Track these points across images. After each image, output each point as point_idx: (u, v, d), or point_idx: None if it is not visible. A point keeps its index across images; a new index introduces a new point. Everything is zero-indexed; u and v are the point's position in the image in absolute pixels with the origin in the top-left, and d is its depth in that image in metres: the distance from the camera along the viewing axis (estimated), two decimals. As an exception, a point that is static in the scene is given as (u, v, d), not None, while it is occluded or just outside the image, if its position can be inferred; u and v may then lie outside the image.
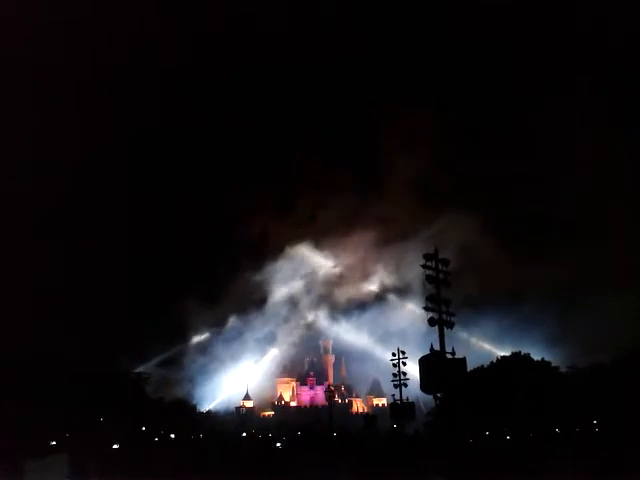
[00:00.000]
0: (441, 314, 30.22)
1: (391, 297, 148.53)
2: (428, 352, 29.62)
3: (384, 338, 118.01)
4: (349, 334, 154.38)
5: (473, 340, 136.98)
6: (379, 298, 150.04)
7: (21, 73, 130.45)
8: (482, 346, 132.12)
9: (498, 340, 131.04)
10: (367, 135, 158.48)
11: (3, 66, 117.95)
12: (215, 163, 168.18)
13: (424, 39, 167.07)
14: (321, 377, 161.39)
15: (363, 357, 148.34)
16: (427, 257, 31.33)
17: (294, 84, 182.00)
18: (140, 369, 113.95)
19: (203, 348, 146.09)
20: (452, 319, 30.35)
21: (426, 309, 30.46)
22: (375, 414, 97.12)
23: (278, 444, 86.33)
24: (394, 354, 53.54)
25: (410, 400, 52.64)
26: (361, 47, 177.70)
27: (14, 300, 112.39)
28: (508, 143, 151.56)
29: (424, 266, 31.18)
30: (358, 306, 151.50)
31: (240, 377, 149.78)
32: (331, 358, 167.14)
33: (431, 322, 30.06)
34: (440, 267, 31.27)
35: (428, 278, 30.78)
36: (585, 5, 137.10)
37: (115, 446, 76.49)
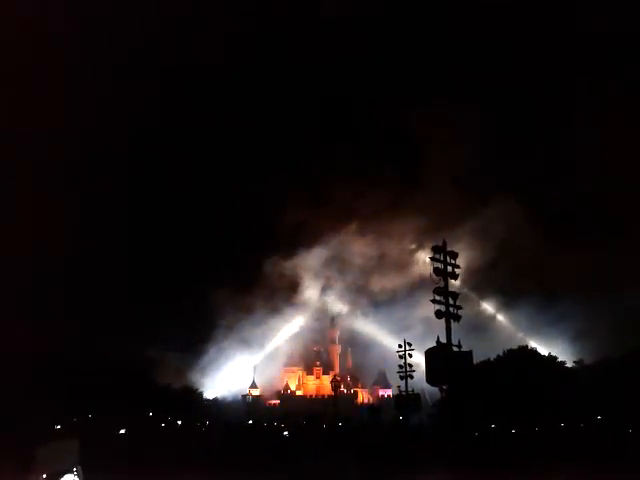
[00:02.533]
0: (448, 307, 30.20)
1: (425, 289, 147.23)
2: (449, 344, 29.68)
3: (406, 329, 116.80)
4: (370, 324, 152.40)
5: (508, 329, 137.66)
6: (412, 289, 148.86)
7: (20, 73, 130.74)
8: (515, 335, 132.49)
9: (529, 331, 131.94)
10: (404, 127, 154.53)
11: (2, 66, 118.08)
12: (248, 156, 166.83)
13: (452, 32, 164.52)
14: (327, 367, 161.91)
15: (371, 347, 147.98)
16: (435, 250, 31.28)
17: (325, 77, 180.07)
18: (153, 353, 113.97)
19: (221, 335, 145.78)
20: (459, 312, 30.33)
21: (433, 301, 30.46)
22: (380, 405, 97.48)
23: (285, 433, 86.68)
24: (400, 345, 53.70)
25: (416, 391, 52.83)
26: (394, 38, 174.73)
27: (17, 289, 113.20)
28: (551, 139, 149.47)
29: (432, 259, 31.15)
30: (390, 296, 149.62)
31: (247, 365, 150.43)
32: (337, 348, 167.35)
33: (438, 314, 30.08)
34: (448, 260, 31.23)
35: (436, 270, 30.74)
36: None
37: (122, 431, 77.12)
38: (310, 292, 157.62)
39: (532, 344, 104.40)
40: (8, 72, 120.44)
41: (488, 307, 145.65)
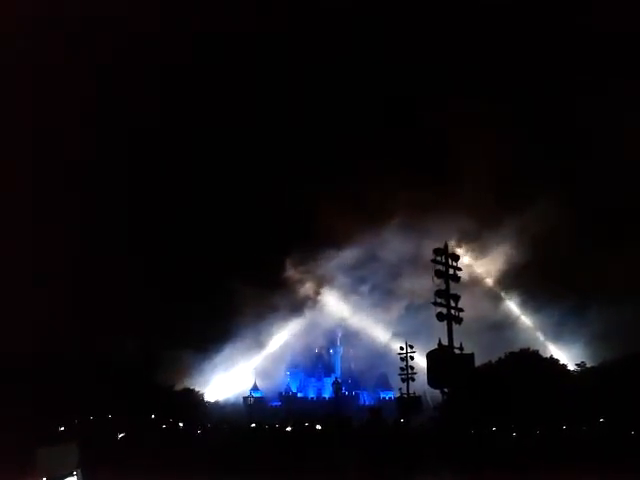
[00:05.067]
0: (450, 309, 30.20)
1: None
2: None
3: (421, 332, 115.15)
4: (378, 326, 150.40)
5: (531, 331, 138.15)
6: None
7: (21, 72, 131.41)
8: (536, 338, 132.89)
9: (551, 334, 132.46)
10: (440, 127, 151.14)
11: (3, 66, 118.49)
12: (278, 156, 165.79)
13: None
14: (329, 369, 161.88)
15: (374, 349, 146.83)
16: (437, 252, 31.29)
17: (360, 76, 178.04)
18: (157, 353, 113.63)
19: (226, 336, 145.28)
20: (460, 314, 30.32)
21: (435, 304, 30.44)
22: (381, 407, 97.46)
23: (288, 428, 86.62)
24: (402, 348, 53.72)
25: (417, 394, 52.89)
26: (425, 36, 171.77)
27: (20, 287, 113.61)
28: (594, 139, 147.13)
29: (434, 261, 31.13)
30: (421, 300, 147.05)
31: (249, 367, 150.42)
32: (339, 350, 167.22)
33: (439, 317, 30.06)
34: (450, 262, 31.24)
35: (437, 273, 30.73)
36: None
37: (121, 435, 77.16)
38: (322, 294, 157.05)
39: (551, 347, 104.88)
40: (8, 73, 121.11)
41: (515, 308, 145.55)
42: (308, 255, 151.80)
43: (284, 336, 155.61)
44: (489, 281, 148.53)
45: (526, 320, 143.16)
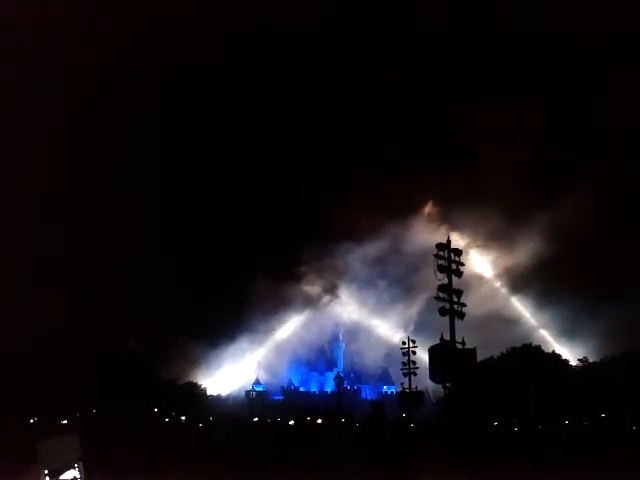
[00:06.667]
0: (452, 304, 30.19)
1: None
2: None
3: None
4: (382, 320, 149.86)
5: (541, 326, 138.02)
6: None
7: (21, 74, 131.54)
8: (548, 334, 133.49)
9: (565, 331, 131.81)
10: (466, 124, 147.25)
11: (9, 65, 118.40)
12: (300, 150, 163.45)
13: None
14: (331, 363, 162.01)
15: (381, 344, 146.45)
16: (439, 247, 31.26)
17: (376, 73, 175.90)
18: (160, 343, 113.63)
19: (229, 330, 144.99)
20: (462, 309, 30.30)
21: (437, 299, 30.44)
22: (383, 401, 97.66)
23: (291, 422, 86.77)
24: (404, 342, 53.74)
25: (420, 389, 52.89)
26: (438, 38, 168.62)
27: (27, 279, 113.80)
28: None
29: (436, 256, 31.11)
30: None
31: (252, 360, 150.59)
32: (342, 345, 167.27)
33: (442, 312, 30.06)
34: (453, 257, 31.22)
35: (440, 268, 30.71)
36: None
37: (126, 426, 77.30)
38: (335, 289, 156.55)
39: (562, 343, 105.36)
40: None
41: (530, 304, 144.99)
42: (323, 249, 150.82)
43: (291, 330, 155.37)
44: (508, 277, 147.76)
45: (541, 316, 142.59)
